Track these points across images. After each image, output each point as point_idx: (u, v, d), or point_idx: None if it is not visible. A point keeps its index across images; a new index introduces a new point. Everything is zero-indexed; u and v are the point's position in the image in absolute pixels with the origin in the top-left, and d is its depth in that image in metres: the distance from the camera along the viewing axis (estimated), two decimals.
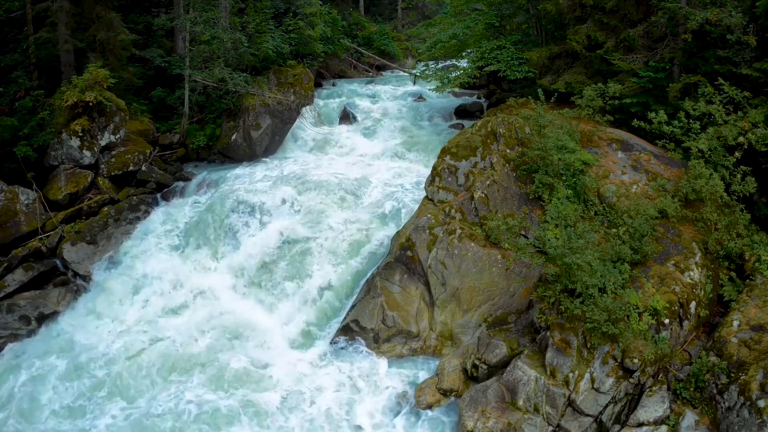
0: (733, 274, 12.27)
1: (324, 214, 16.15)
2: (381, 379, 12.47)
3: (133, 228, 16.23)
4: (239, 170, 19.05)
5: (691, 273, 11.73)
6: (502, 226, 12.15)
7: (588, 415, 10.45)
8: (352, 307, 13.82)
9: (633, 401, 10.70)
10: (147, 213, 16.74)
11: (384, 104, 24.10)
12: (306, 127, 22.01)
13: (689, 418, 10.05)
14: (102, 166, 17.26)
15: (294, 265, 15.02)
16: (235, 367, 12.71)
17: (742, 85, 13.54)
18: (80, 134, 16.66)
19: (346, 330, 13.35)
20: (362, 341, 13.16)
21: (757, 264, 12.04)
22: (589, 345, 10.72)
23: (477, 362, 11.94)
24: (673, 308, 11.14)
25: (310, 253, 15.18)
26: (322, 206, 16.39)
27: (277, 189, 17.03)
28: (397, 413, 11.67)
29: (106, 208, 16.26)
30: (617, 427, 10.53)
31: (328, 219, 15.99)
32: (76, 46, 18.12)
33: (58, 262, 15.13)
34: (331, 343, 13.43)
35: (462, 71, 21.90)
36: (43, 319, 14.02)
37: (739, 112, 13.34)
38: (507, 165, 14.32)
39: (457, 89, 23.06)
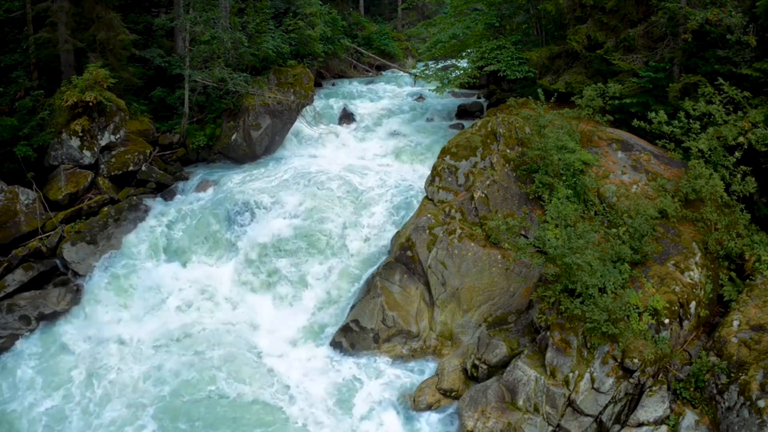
0: (733, 274, 12.27)
1: (323, 214, 16.14)
2: (380, 380, 12.49)
3: (133, 228, 16.20)
4: (239, 170, 19.05)
5: (691, 273, 11.73)
6: (502, 226, 12.16)
7: (588, 415, 10.45)
8: (352, 307, 13.82)
9: (633, 401, 10.70)
10: (147, 213, 16.72)
11: (384, 104, 24.10)
12: (306, 127, 22.01)
13: (689, 418, 10.06)
14: (102, 166, 17.26)
15: (292, 266, 15.02)
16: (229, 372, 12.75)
17: (742, 85, 13.54)
18: (80, 134, 16.65)
19: (346, 330, 13.34)
20: (361, 343, 13.18)
21: (757, 264, 12.04)
22: (589, 345, 10.72)
23: (477, 362, 11.94)
24: (673, 308, 11.14)
25: (308, 255, 15.18)
26: (321, 206, 16.38)
27: (276, 189, 17.02)
28: (397, 413, 11.66)
29: (106, 208, 16.25)
30: (617, 427, 10.53)
31: (327, 219, 15.98)
32: (76, 46, 18.10)
33: (58, 262, 15.11)
34: (331, 344, 13.44)
35: (462, 71, 21.89)
36: (43, 319, 14.02)
37: (739, 112, 13.35)
38: (507, 165, 14.32)
39: (457, 89, 23.04)
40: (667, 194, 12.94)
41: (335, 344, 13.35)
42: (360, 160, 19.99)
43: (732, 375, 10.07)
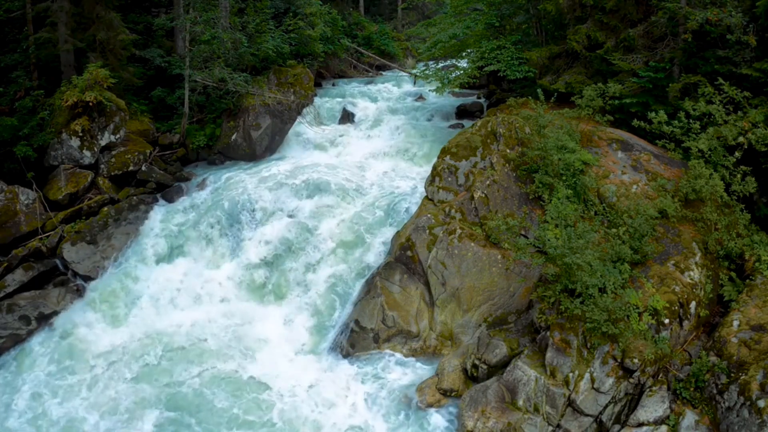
0: (733, 274, 12.27)
1: (322, 214, 16.15)
2: (380, 380, 12.48)
3: (133, 228, 16.20)
4: (239, 170, 19.04)
5: (691, 273, 11.73)
6: (502, 226, 12.16)
7: (588, 415, 10.45)
8: (353, 307, 13.82)
9: (633, 401, 10.70)
10: (147, 213, 16.71)
11: (384, 104, 24.09)
12: (306, 127, 22.01)
13: (689, 418, 10.06)
14: (102, 166, 17.26)
15: (292, 267, 15.02)
16: (228, 369, 12.76)
17: (742, 85, 13.54)
18: (80, 134, 16.65)
19: (345, 331, 13.34)
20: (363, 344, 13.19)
21: (757, 264, 12.04)
22: (589, 345, 10.72)
23: (477, 362, 11.94)
24: (673, 308, 11.14)
25: (308, 255, 15.19)
26: (321, 206, 16.39)
27: (276, 189, 17.02)
28: (397, 414, 11.66)
29: (106, 208, 16.24)
30: (617, 427, 10.53)
31: (327, 219, 15.99)
32: (76, 46, 18.10)
33: (58, 262, 15.10)
34: (331, 345, 13.43)
35: (462, 71, 21.86)
36: (43, 319, 14.01)
37: (739, 112, 13.35)
38: (507, 165, 14.32)
39: (457, 89, 23.02)
40: (667, 194, 12.94)
41: (335, 345, 13.35)
42: (360, 159, 19.98)
43: (732, 375, 10.07)
